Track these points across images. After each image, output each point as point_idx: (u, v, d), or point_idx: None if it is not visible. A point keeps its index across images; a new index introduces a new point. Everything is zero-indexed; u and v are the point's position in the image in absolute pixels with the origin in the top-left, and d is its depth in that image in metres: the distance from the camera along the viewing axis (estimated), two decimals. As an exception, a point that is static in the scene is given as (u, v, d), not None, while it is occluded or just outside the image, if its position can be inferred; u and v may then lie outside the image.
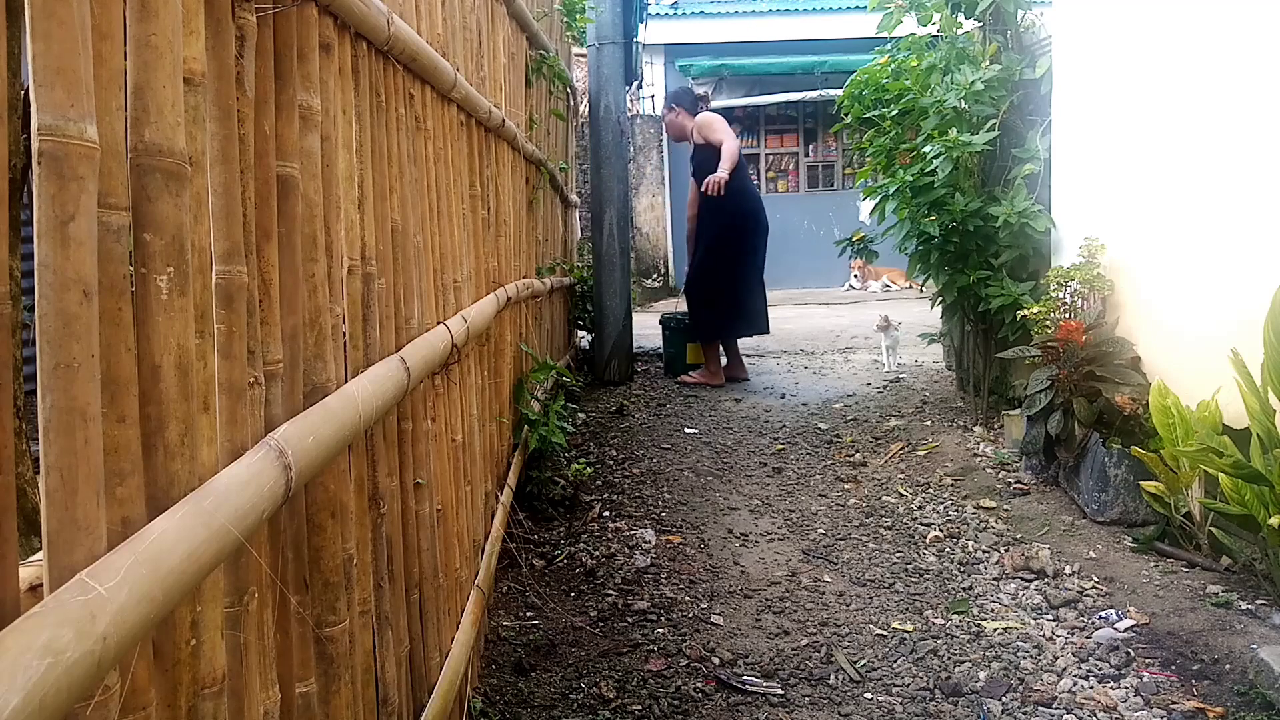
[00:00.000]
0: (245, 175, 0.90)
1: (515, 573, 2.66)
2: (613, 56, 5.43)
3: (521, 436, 3.06)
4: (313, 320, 1.07)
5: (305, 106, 1.06)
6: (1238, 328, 2.46)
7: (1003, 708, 1.95)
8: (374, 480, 1.30)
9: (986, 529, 2.99)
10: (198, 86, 0.79)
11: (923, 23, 4.13)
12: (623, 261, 5.58)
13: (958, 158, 3.86)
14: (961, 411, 4.44)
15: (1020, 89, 3.88)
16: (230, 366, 0.85)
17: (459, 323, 1.84)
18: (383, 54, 1.40)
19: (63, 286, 0.59)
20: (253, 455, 0.86)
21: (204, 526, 0.71)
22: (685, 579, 2.66)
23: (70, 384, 0.60)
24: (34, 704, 0.49)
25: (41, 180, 0.58)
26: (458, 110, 2.03)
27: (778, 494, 3.44)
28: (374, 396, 1.20)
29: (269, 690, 0.93)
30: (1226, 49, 2.67)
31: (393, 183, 1.45)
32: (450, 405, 1.86)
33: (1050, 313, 3.27)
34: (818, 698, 2.02)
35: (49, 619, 0.53)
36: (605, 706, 1.97)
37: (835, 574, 2.70)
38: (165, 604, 0.64)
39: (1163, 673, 2.06)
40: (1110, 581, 2.54)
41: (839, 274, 11.38)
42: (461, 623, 1.84)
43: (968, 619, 2.36)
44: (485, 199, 2.41)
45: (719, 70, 11.79)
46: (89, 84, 0.61)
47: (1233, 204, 2.65)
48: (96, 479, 0.61)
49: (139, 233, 0.70)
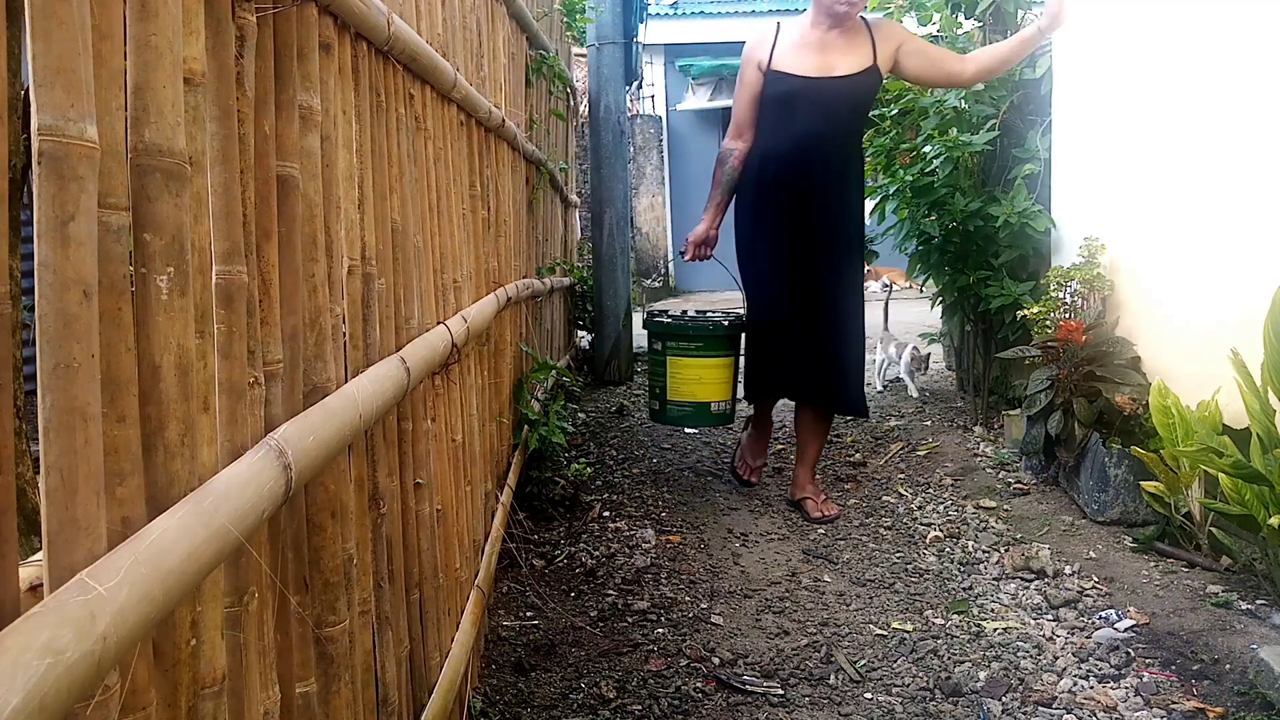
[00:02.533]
0: (245, 175, 0.89)
1: (515, 573, 2.66)
2: (613, 56, 5.43)
3: (521, 436, 3.06)
4: (313, 320, 1.07)
5: (305, 106, 1.06)
6: (1238, 327, 2.46)
7: (1003, 708, 1.95)
8: (374, 480, 1.30)
9: (986, 529, 2.99)
10: (198, 86, 0.79)
11: (923, 23, 4.13)
12: (623, 261, 5.58)
13: (958, 158, 3.86)
14: (961, 411, 4.44)
15: (1020, 89, 3.88)
16: (230, 366, 0.85)
17: (459, 323, 1.84)
18: (383, 54, 1.40)
19: (63, 286, 0.59)
20: (253, 455, 0.86)
21: (204, 526, 0.71)
22: (685, 579, 2.66)
23: (70, 384, 0.60)
24: (34, 704, 0.49)
25: (41, 180, 0.58)
26: (458, 110, 2.03)
27: (778, 494, 3.43)
28: (374, 396, 1.20)
29: (269, 690, 0.93)
30: (1226, 49, 2.67)
31: (393, 183, 1.45)
32: (450, 405, 1.86)
33: (1050, 313, 3.27)
34: (818, 698, 2.02)
35: (49, 619, 0.53)
36: (605, 706, 1.97)
37: (835, 574, 2.70)
38: (165, 604, 0.64)
39: (1163, 673, 2.06)
40: (1110, 581, 2.54)
41: (839, 274, 11.36)
42: (461, 623, 1.84)
43: (968, 619, 2.36)
44: (485, 199, 2.41)
45: (719, 70, 11.79)
46: (89, 84, 0.61)
47: (1233, 204, 2.65)
48: (96, 479, 0.61)
49: (139, 233, 0.70)
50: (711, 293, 11.53)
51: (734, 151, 3.20)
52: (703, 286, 12.05)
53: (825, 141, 3.07)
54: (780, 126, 3.10)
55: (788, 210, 3.11)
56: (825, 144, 3.07)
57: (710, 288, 11.91)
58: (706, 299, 10.93)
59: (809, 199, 3.09)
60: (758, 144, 3.17)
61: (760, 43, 3.14)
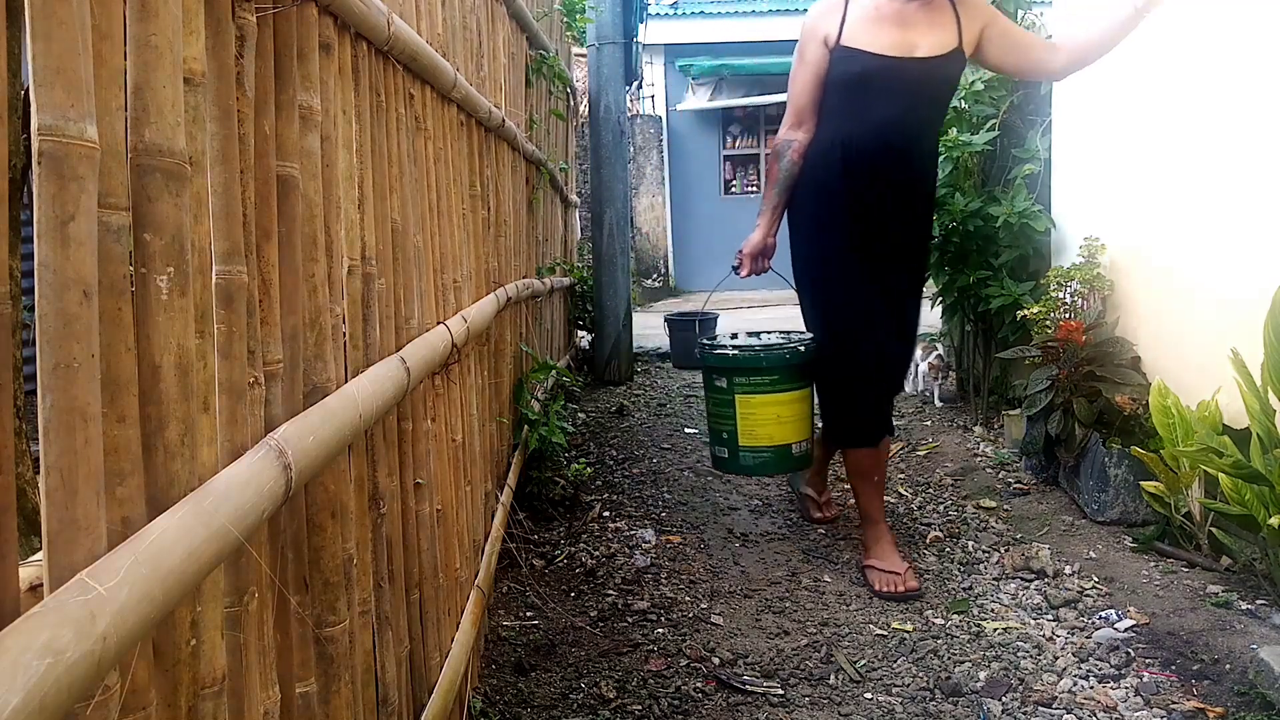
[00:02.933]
0: (245, 175, 0.89)
1: (515, 573, 2.66)
2: (613, 56, 5.43)
3: (521, 436, 3.06)
4: (313, 320, 1.07)
5: (305, 106, 1.06)
6: (1238, 327, 2.46)
7: (1003, 708, 1.95)
8: (374, 480, 1.30)
9: (986, 529, 2.99)
10: (198, 86, 0.79)
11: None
12: (623, 261, 5.58)
13: (958, 158, 3.87)
14: (961, 411, 4.44)
15: (1020, 89, 3.88)
16: (230, 366, 0.85)
17: (459, 323, 1.84)
18: (383, 54, 1.40)
19: (63, 286, 0.59)
20: (253, 455, 0.86)
21: (204, 526, 0.71)
22: (685, 579, 2.66)
23: (70, 384, 0.60)
24: (34, 704, 0.49)
25: (41, 180, 0.58)
26: (458, 110, 2.03)
27: (778, 494, 3.43)
28: (374, 396, 1.20)
29: (269, 690, 0.93)
30: (1226, 48, 2.67)
31: (393, 183, 1.45)
32: (450, 405, 1.86)
33: (1050, 313, 3.27)
34: (818, 698, 2.02)
35: (49, 619, 0.53)
36: (605, 706, 1.97)
37: (835, 574, 2.70)
38: (165, 604, 0.64)
39: (1163, 673, 2.06)
40: (1110, 581, 2.54)
41: (839, 274, 11.36)
42: (461, 623, 1.84)
43: (968, 619, 2.36)
44: (485, 199, 2.41)
45: (719, 70, 11.79)
46: (89, 84, 0.61)
47: (1233, 203, 2.65)
48: (96, 479, 0.61)
49: (139, 233, 0.70)
50: (713, 293, 11.50)
51: (793, 143, 2.66)
52: (703, 287, 12.05)
53: (905, 134, 2.58)
54: (852, 114, 2.57)
55: (863, 218, 2.60)
56: (905, 138, 2.58)
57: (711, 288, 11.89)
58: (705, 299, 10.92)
59: (886, 205, 2.59)
60: (821, 135, 2.63)
61: (828, 12, 2.59)
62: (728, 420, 2.77)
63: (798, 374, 2.72)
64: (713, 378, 2.81)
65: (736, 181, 12.46)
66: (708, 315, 6.60)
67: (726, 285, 3.58)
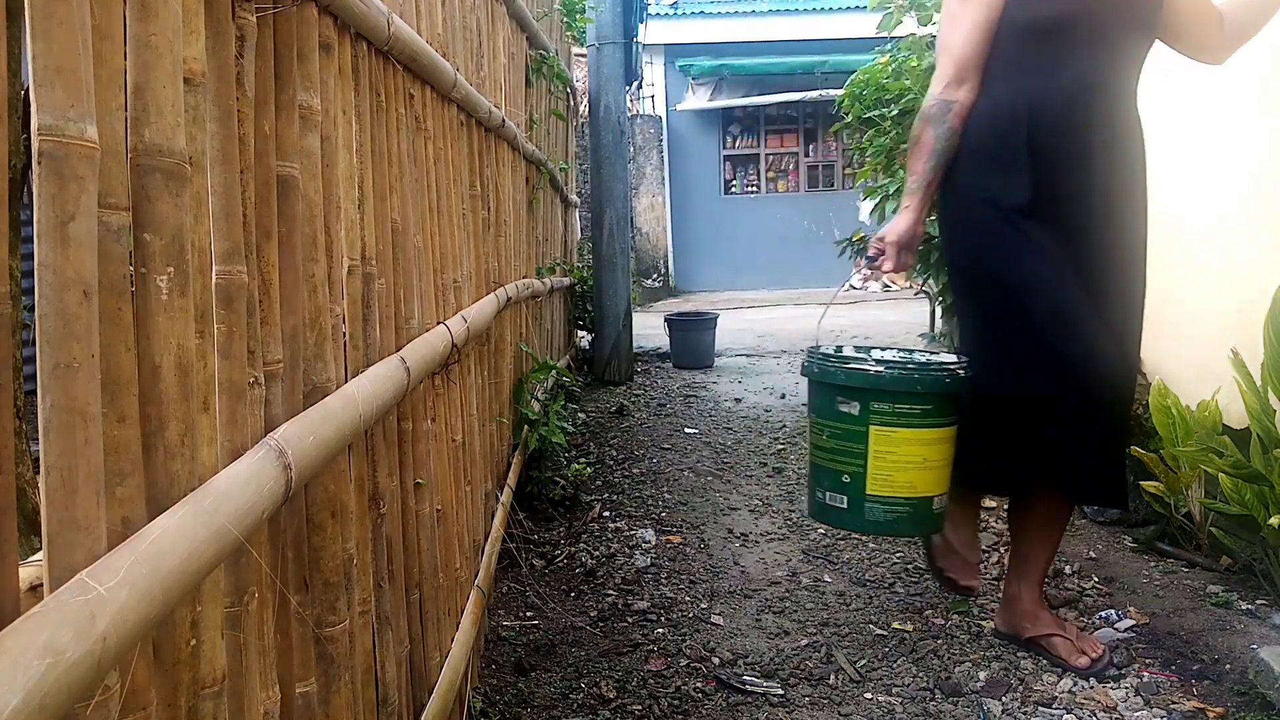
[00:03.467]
0: (245, 175, 0.90)
1: (515, 573, 2.66)
2: (613, 56, 5.43)
3: (521, 436, 3.06)
4: (313, 320, 1.07)
5: (305, 106, 1.06)
6: (1238, 328, 2.46)
7: (1003, 708, 1.95)
8: (374, 480, 1.30)
9: (986, 529, 2.99)
10: (198, 86, 0.79)
11: (923, 23, 4.13)
12: (623, 261, 5.59)
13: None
14: (961, 411, 4.43)
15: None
16: (230, 366, 0.85)
17: (459, 323, 1.84)
18: (383, 54, 1.40)
19: (63, 286, 0.59)
20: (253, 455, 0.86)
21: (204, 526, 0.71)
22: (685, 579, 2.66)
23: (70, 384, 0.60)
24: (34, 704, 0.50)
25: (41, 180, 0.58)
26: (458, 110, 2.03)
27: (778, 494, 3.43)
28: (374, 396, 1.20)
29: (269, 690, 0.93)
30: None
31: (393, 183, 1.45)
32: (450, 405, 1.86)
33: (1050, 313, 3.27)
34: (818, 698, 2.02)
35: (49, 619, 0.53)
36: (605, 706, 1.97)
37: (835, 574, 2.70)
38: (165, 604, 0.64)
39: (1163, 673, 2.06)
40: (1110, 581, 2.54)
41: (840, 274, 11.38)
42: (461, 623, 1.84)
43: (968, 619, 2.36)
44: (485, 199, 2.41)
45: (719, 70, 11.80)
46: (89, 84, 0.61)
47: (1233, 203, 2.65)
48: (96, 479, 0.61)
49: (139, 233, 0.70)
50: (712, 293, 11.52)
51: (952, 106, 2.01)
52: (703, 287, 12.05)
53: (1110, 94, 1.97)
54: (1040, 69, 1.96)
55: (1061, 206, 1.97)
56: (1111, 98, 1.97)
57: (711, 288, 11.90)
58: (707, 299, 10.92)
59: (1092, 189, 1.97)
60: (992, 95, 2.01)
61: None
62: (853, 460, 2.12)
63: (951, 405, 2.11)
64: (836, 401, 2.14)
65: (736, 181, 12.47)
66: (707, 315, 6.60)
67: (726, 285, 3.52)
